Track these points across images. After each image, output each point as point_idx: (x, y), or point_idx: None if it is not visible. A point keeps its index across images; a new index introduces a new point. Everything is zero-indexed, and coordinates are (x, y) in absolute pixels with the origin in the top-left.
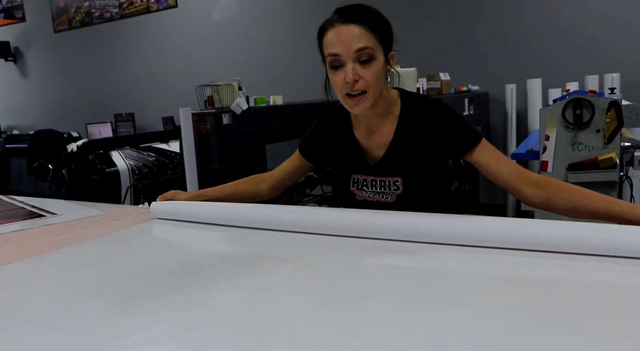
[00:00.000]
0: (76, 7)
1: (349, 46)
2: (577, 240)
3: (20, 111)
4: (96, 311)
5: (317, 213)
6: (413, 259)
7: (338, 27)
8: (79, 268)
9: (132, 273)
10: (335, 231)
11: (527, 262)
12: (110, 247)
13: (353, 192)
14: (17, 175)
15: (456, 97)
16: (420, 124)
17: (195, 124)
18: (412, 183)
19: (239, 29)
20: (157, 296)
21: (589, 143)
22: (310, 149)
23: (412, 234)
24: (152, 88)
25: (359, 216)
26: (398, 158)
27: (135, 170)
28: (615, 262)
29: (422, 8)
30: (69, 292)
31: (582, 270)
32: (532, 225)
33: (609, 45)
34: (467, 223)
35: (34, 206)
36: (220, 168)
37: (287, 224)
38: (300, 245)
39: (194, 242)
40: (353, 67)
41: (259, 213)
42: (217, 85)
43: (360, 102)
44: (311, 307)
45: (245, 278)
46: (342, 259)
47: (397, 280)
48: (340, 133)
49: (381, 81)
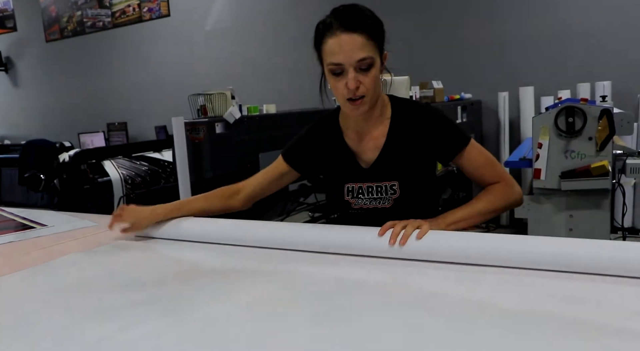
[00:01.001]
0: (68, 17)
1: (351, 56)
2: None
3: (12, 121)
4: (73, 327)
5: (294, 229)
6: (408, 278)
7: (339, 36)
8: (58, 283)
9: (111, 288)
10: (319, 248)
11: (524, 280)
12: (86, 264)
13: (348, 201)
14: (8, 185)
15: (449, 105)
16: (412, 126)
17: (188, 133)
18: (410, 185)
19: (232, 38)
20: (135, 313)
21: (581, 151)
22: (297, 157)
23: (405, 252)
24: (144, 97)
25: (344, 234)
26: (393, 160)
27: (128, 179)
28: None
29: (415, 16)
30: (50, 307)
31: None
32: (537, 243)
33: (600, 53)
34: (461, 241)
35: (24, 217)
36: (213, 177)
37: (276, 242)
38: (279, 261)
39: (173, 258)
40: (355, 75)
41: (250, 232)
42: (209, 94)
43: (360, 106)
44: (294, 326)
45: (230, 293)
46: (327, 275)
47: (388, 299)
48: (330, 141)
49: (379, 85)
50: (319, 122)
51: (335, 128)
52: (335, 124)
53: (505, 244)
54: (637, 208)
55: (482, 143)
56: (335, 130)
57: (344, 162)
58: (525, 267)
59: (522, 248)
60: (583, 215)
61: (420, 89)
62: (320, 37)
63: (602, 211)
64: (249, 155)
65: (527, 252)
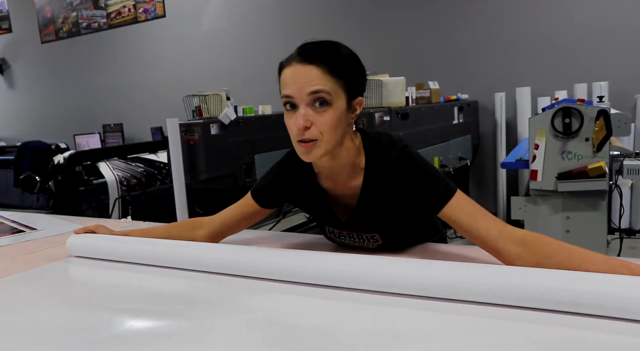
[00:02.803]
0: (63, 18)
1: (301, 88)
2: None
3: (7, 122)
4: None
5: (260, 254)
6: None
7: (294, 66)
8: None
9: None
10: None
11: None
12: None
13: (332, 238)
14: (3, 187)
15: (445, 106)
16: (388, 179)
17: (182, 135)
18: (391, 235)
19: (228, 39)
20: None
21: (578, 152)
22: (269, 197)
23: (389, 285)
24: (140, 98)
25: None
26: (370, 214)
27: (124, 181)
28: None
29: (411, 17)
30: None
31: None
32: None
33: (597, 53)
34: (455, 274)
35: (14, 221)
36: (208, 179)
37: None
38: (235, 287)
39: (114, 284)
40: (305, 112)
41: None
42: (204, 95)
43: (312, 150)
44: None
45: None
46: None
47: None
48: (303, 181)
49: (339, 130)
50: (290, 160)
51: (309, 171)
52: (308, 166)
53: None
54: (634, 210)
55: (478, 145)
56: (308, 173)
57: (320, 209)
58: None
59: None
60: (580, 216)
61: (417, 90)
62: (280, 70)
63: (599, 212)
64: (245, 156)
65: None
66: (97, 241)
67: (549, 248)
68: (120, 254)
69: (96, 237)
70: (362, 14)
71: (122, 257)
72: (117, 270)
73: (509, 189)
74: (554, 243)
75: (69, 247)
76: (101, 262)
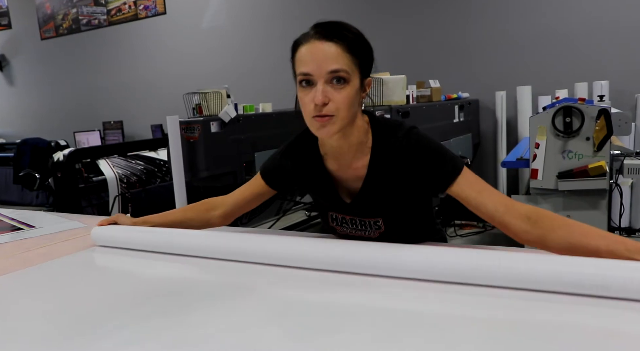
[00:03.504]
0: (63, 14)
1: (322, 65)
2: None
3: (7, 119)
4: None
5: (280, 242)
6: (393, 297)
7: (313, 44)
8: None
9: (71, 307)
10: (300, 263)
11: (516, 304)
12: (49, 277)
13: (333, 227)
14: (3, 184)
15: (446, 104)
16: (395, 158)
17: (182, 132)
18: (394, 222)
19: (228, 37)
20: (98, 334)
21: (578, 151)
22: (276, 178)
23: (392, 269)
24: (141, 95)
25: (324, 247)
26: (375, 196)
27: (124, 178)
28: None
29: (412, 15)
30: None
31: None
32: (532, 261)
33: (598, 52)
34: (454, 258)
35: (12, 218)
36: (208, 177)
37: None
38: (256, 276)
39: (139, 272)
40: (324, 88)
41: (221, 243)
42: (205, 93)
43: (327, 125)
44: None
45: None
46: (306, 290)
47: (376, 319)
48: (310, 165)
49: (353, 107)
50: (298, 142)
51: (315, 153)
52: (315, 148)
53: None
54: (634, 209)
55: (479, 143)
56: (314, 154)
57: (325, 192)
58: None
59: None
60: (580, 215)
61: (417, 88)
62: (294, 48)
63: (599, 211)
64: (245, 154)
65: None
66: (122, 232)
67: (552, 223)
68: (143, 244)
69: (119, 228)
70: (362, 12)
71: (145, 247)
72: (141, 258)
73: (509, 188)
74: (556, 218)
75: (94, 237)
76: (125, 251)
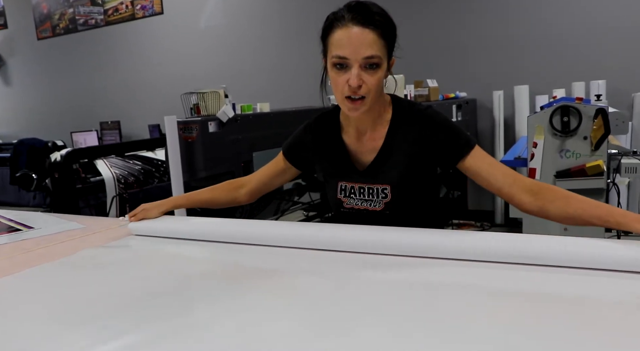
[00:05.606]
0: (60, 14)
1: (358, 51)
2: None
3: (4, 119)
4: (68, 335)
5: (302, 227)
6: (405, 274)
7: (351, 29)
8: (51, 289)
9: (109, 294)
10: (323, 245)
11: (524, 276)
12: (81, 266)
13: (340, 199)
14: (0, 184)
15: (444, 104)
16: (412, 131)
17: (180, 132)
18: (401, 191)
19: (225, 36)
20: (135, 318)
21: (576, 151)
22: (296, 153)
23: (403, 248)
24: (138, 95)
25: (349, 231)
26: (387, 164)
27: (121, 178)
28: (612, 276)
29: (410, 14)
30: (41, 314)
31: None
32: (527, 239)
33: (595, 52)
34: (459, 237)
35: (10, 219)
36: (206, 177)
37: (276, 239)
38: (285, 259)
39: (175, 259)
40: (359, 72)
41: (249, 229)
42: (202, 93)
43: (359, 107)
44: (302, 327)
45: (232, 297)
46: (333, 274)
47: (390, 297)
48: (327, 137)
49: (380, 88)
50: (320, 116)
51: (335, 124)
52: (336, 120)
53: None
54: (631, 208)
55: (477, 142)
56: (334, 125)
57: (339, 161)
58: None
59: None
60: None
61: (415, 88)
62: (328, 28)
63: None
64: (243, 154)
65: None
66: (157, 223)
67: (552, 195)
68: (179, 232)
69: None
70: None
71: (181, 234)
72: (176, 244)
73: None
74: (556, 190)
75: (131, 227)
76: (126, 249)
